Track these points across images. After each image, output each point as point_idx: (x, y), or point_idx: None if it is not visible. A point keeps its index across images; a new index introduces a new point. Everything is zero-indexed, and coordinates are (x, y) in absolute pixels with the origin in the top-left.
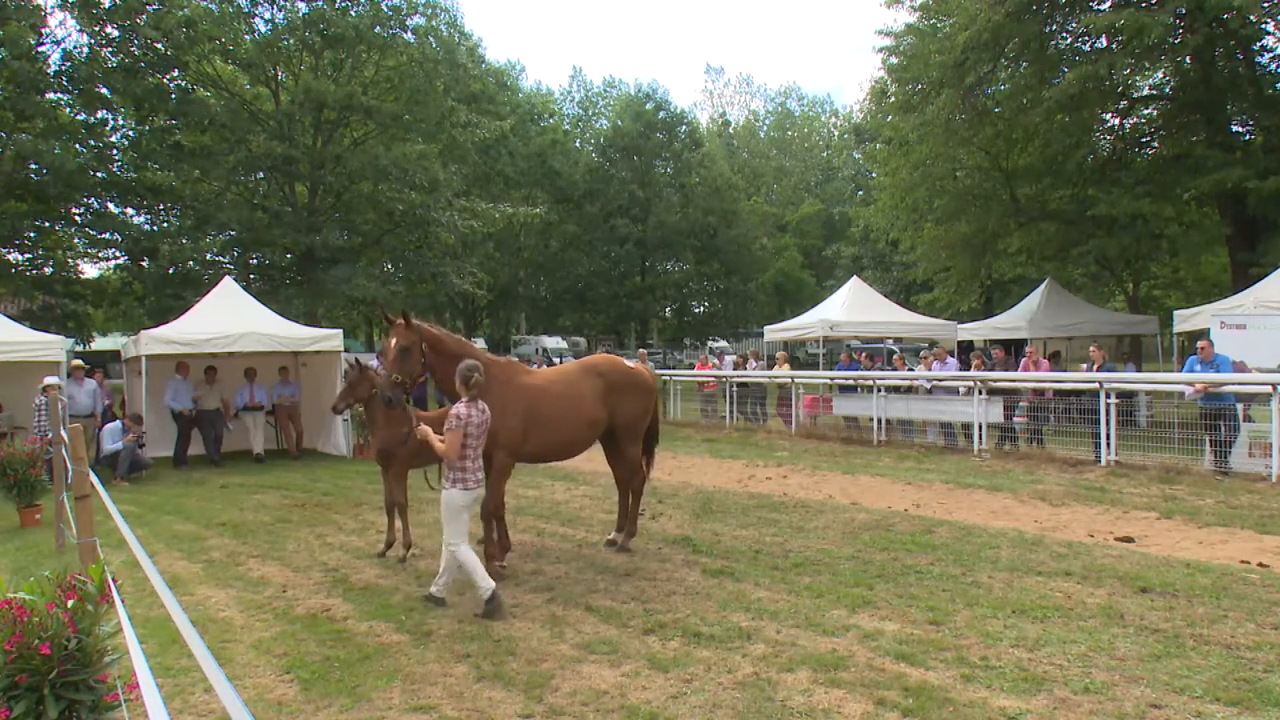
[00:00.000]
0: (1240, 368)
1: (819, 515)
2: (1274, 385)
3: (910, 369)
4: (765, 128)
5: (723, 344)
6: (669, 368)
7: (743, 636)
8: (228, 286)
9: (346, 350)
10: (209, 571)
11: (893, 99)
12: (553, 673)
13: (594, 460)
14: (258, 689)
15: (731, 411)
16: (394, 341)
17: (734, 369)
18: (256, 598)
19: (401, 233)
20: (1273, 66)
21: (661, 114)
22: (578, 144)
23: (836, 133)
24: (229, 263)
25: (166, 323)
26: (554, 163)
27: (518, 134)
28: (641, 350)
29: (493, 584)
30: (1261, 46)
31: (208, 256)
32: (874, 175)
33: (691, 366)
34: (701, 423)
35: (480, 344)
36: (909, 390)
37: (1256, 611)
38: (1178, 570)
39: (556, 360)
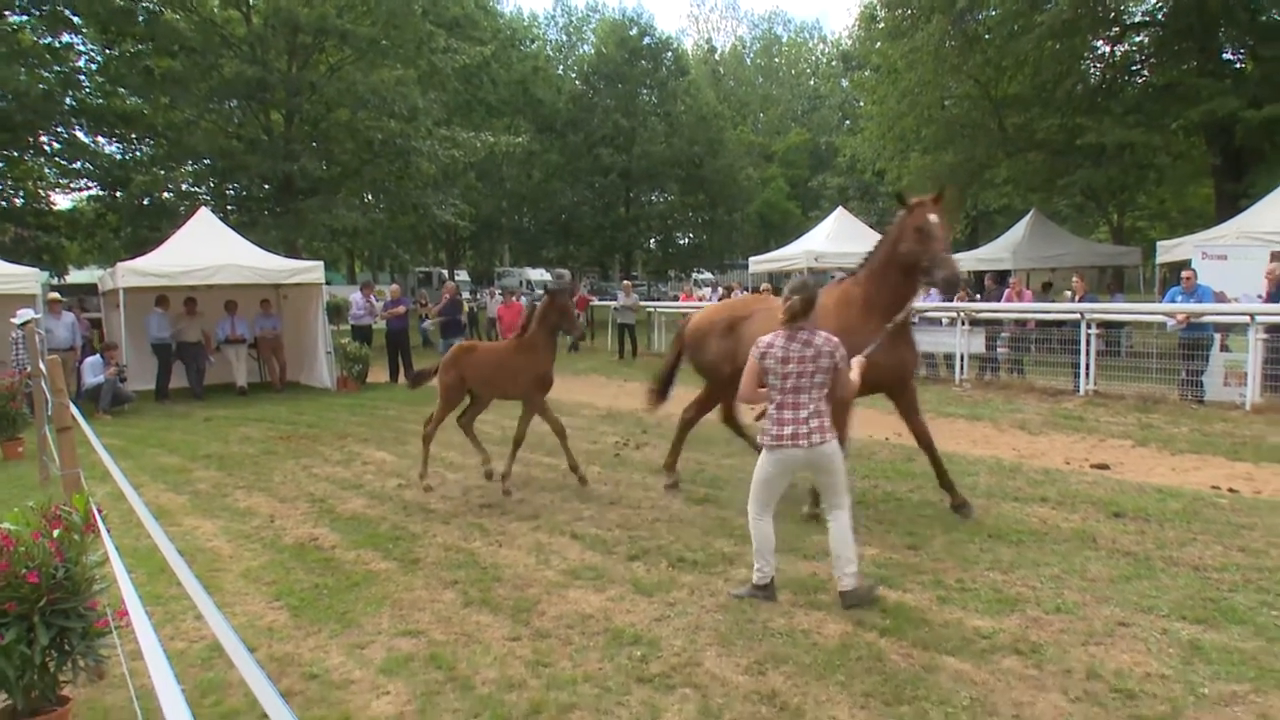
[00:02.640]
0: (1221, 298)
1: None
2: (1251, 315)
3: None
4: (751, 54)
5: (707, 275)
6: (653, 299)
7: (726, 561)
8: (204, 217)
9: (328, 283)
10: (195, 503)
11: (882, 25)
12: (539, 598)
13: (574, 391)
14: (248, 615)
15: None
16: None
17: (719, 300)
18: (244, 528)
19: (381, 163)
20: None
21: (646, 40)
22: (560, 71)
23: (824, 60)
24: (205, 193)
25: (143, 254)
26: (536, 90)
27: (499, 60)
28: (626, 282)
29: (766, 576)
30: None
31: (183, 187)
32: (861, 104)
33: (676, 299)
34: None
35: (463, 277)
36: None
37: (1224, 534)
38: (1150, 496)
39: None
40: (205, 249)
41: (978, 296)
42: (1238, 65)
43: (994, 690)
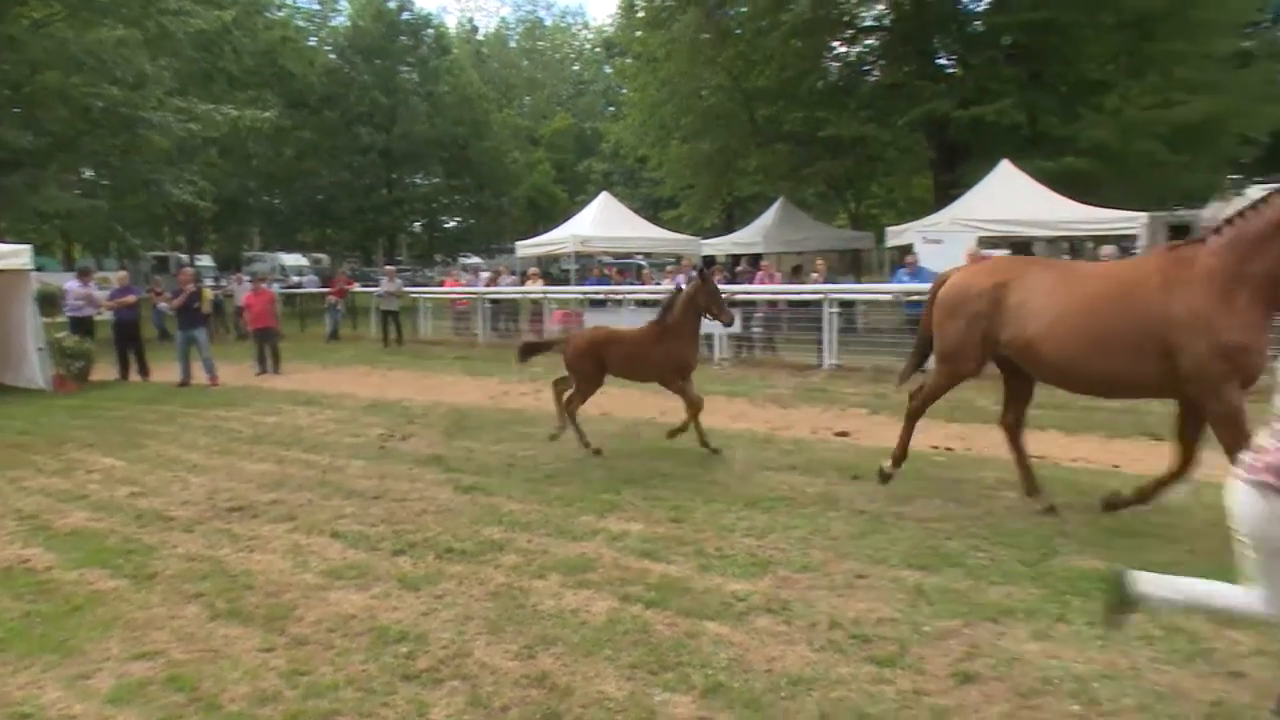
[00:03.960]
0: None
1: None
2: None
3: (657, 284)
4: (515, 37)
5: (475, 260)
6: (418, 285)
7: (495, 549)
8: None
9: (39, 269)
10: None
11: (641, 14)
12: (296, 603)
13: (336, 382)
14: None
15: (485, 328)
16: None
17: (487, 285)
18: None
19: (104, 134)
20: (972, 7)
21: (405, 15)
22: (314, 43)
23: (588, 46)
24: None
25: None
26: (286, 62)
27: (242, 27)
28: (389, 267)
29: None
30: None
31: None
32: (624, 91)
33: (442, 284)
34: (454, 340)
35: (206, 262)
36: (657, 304)
37: (942, 489)
38: (882, 457)
39: (298, 279)
40: None
41: (721, 277)
42: (950, 70)
43: (750, 649)
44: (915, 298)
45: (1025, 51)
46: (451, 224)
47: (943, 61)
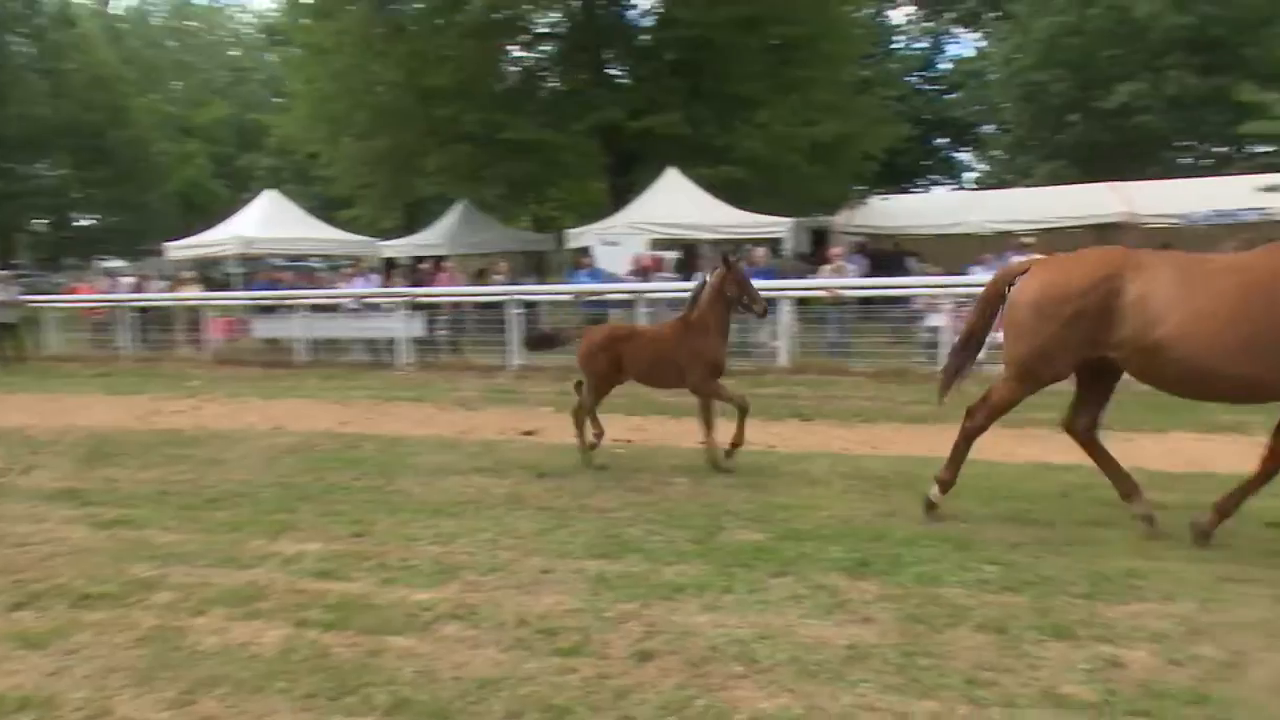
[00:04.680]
0: (616, 278)
1: (238, 445)
2: (636, 293)
3: (334, 287)
4: (159, 14)
5: (117, 264)
6: (44, 294)
7: (144, 588)
8: None
9: None
10: None
11: (307, 2)
12: None
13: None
14: None
15: (131, 340)
16: None
17: (134, 291)
18: None
19: None
20: (639, 21)
21: None
22: None
23: (248, 31)
24: None
25: None
26: None
27: None
28: (4, 272)
29: None
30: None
31: None
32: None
33: (72, 290)
34: (92, 355)
35: None
36: (333, 309)
37: (622, 480)
38: (566, 454)
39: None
40: None
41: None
42: (622, 81)
43: (437, 658)
44: (594, 297)
45: (687, 67)
46: (86, 222)
47: (615, 72)
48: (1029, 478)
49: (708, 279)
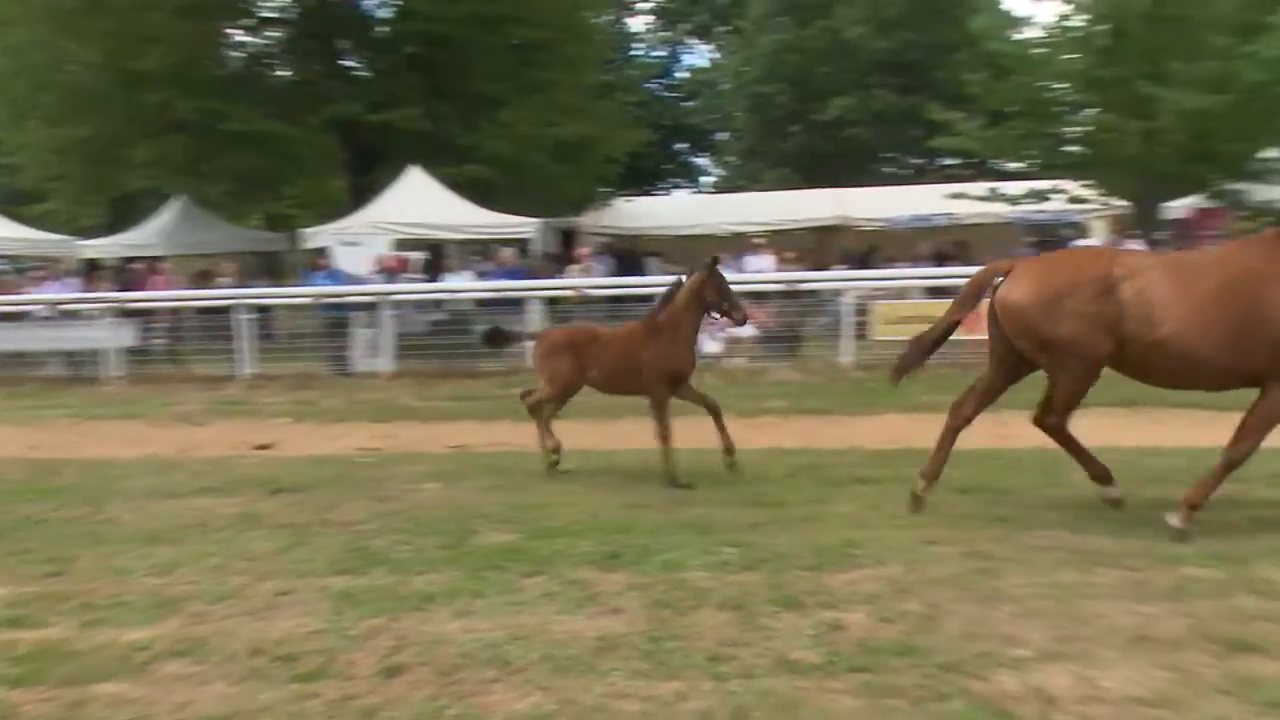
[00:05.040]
0: (357, 280)
1: None
2: (380, 296)
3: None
4: None
5: None
6: None
7: None
8: None
9: None
10: None
11: None
12: None
13: None
14: None
15: None
16: None
17: None
18: None
19: None
20: (376, 11)
21: None
22: None
23: None
24: None
25: None
26: None
27: None
28: None
29: None
30: None
31: None
32: None
33: None
34: None
35: None
36: (21, 317)
37: (367, 489)
38: (306, 466)
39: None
40: None
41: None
42: (359, 73)
43: (154, 702)
44: (332, 300)
45: (428, 62)
46: None
47: (351, 63)
48: (763, 462)
49: (684, 280)
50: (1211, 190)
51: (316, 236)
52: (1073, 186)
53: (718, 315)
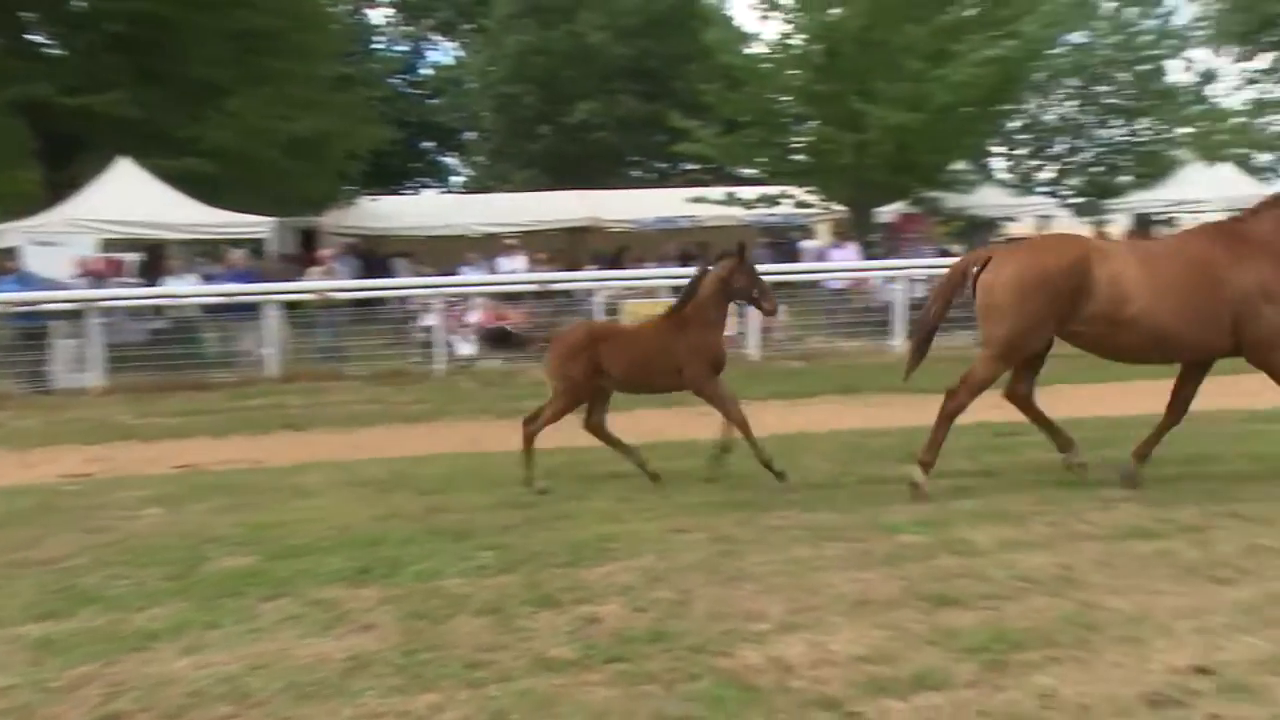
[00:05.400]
0: (54, 285)
1: None
2: (85, 302)
3: None
4: None
5: None
6: None
7: None
8: None
9: None
10: None
11: None
12: None
13: None
14: None
15: None
16: None
17: None
18: None
19: None
20: None
21: None
22: None
23: None
24: None
25: None
26: None
27: None
28: None
29: None
30: None
31: None
32: None
33: None
34: None
35: None
36: None
37: (76, 521)
38: (58, 495)
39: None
40: None
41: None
42: (51, 50)
43: None
44: (23, 309)
45: (134, 43)
46: None
47: (41, 39)
48: (521, 465)
49: (711, 269)
50: (913, 197)
51: (4, 235)
52: (799, 192)
53: (748, 304)
